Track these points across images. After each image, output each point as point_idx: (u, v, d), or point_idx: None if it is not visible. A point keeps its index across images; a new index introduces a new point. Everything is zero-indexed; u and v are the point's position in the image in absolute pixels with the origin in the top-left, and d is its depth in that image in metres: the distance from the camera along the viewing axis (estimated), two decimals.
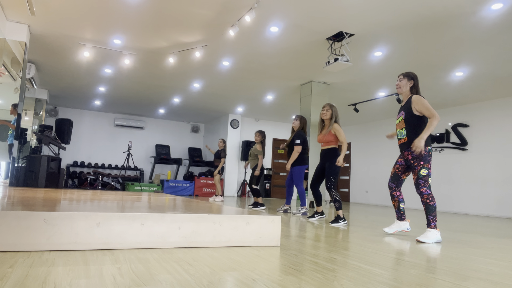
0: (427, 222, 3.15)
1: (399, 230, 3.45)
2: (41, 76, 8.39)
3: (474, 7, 4.49)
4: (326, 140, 4.42)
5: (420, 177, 3.14)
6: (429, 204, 3.11)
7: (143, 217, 2.01)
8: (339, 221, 4.20)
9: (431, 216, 3.11)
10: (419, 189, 3.15)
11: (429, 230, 3.11)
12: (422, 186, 3.12)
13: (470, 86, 7.53)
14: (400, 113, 3.35)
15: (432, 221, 3.11)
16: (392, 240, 3.05)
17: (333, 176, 4.31)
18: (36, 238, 1.79)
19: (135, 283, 1.36)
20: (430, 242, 3.05)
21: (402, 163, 3.34)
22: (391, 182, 3.42)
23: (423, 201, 3.13)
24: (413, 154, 3.19)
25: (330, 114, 4.45)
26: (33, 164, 6.82)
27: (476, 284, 1.66)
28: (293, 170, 5.49)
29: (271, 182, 12.09)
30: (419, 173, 3.14)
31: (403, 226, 3.44)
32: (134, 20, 5.32)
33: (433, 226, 3.11)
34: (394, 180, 3.40)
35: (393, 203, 3.44)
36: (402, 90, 3.37)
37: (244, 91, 8.96)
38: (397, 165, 3.38)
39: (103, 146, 12.07)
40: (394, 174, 3.40)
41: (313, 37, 5.62)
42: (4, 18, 5.40)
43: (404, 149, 3.29)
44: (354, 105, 9.45)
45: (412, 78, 3.35)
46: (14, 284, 1.27)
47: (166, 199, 3.94)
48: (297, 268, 1.78)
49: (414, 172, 3.18)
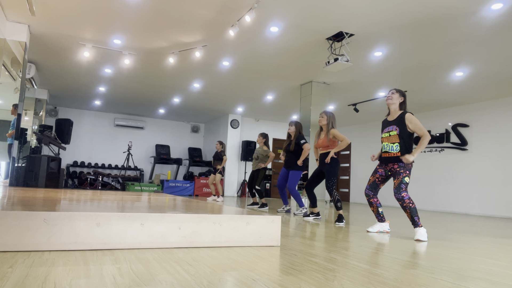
0: (415, 223, 3.30)
1: (381, 230, 3.67)
2: (41, 76, 8.39)
3: (474, 7, 4.49)
4: (324, 145, 4.60)
5: (404, 182, 3.34)
6: (412, 207, 3.30)
7: (143, 217, 2.01)
8: (342, 220, 4.32)
9: (417, 217, 3.30)
10: (400, 194, 3.32)
11: (419, 228, 3.28)
12: (404, 191, 3.31)
13: (470, 86, 7.53)
14: (391, 127, 3.50)
15: (418, 220, 3.31)
16: (392, 241, 3.06)
17: (333, 177, 4.45)
18: (36, 238, 1.79)
19: (135, 283, 1.36)
20: (426, 239, 3.22)
21: (383, 174, 3.55)
22: (369, 190, 3.61)
23: (406, 205, 3.30)
24: (400, 164, 3.38)
25: (326, 119, 4.64)
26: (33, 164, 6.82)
27: (476, 284, 1.66)
28: (291, 173, 5.47)
29: (271, 182, 12.09)
30: (404, 179, 3.34)
31: (384, 226, 3.68)
32: (134, 20, 5.32)
33: (420, 225, 3.31)
34: (372, 188, 3.60)
35: (372, 209, 3.65)
36: (393, 102, 3.56)
37: (244, 91, 8.96)
38: (377, 174, 3.57)
39: (103, 146, 12.07)
40: (373, 183, 3.60)
41: (313, 37, 5.62)
42: (4, 18, 5.40)
43: (391, 161, 3.46)
44: (354, 105, 9.45)
45: (403, 95, 3.57)
46: (14, 284, 1.27)
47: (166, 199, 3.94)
48: (297, 268, 1.78)
49: (398, 178, 3.36)
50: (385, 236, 3.36)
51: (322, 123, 4.66)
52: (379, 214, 3.63)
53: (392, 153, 3.45)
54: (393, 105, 3.55)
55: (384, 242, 2.93)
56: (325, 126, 4.64)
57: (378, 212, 3.62)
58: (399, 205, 3.53)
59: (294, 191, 5.41)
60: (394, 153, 3.43)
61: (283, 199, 5.78)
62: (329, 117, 4.62)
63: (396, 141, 3.42)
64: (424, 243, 3.02)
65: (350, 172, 12.43)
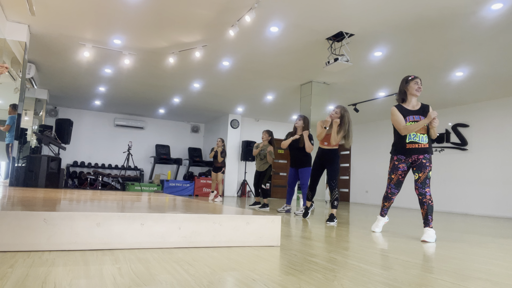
0: (427, 222, 3.21)
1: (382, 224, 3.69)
2: (41, 76, 8.39)
3: (474, 7, 4.49)
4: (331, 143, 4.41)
5: (429, 177, 3.25)
6: (431, 205, 3.22)
7: (143, 217, 2.01)
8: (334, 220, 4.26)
9: (431, 216, 3.21)
10: (424, 189, 3.22)
11: (429, 229, 3.19)
12: (428, 186, 3.23)
13: (470, 86, 7.53)
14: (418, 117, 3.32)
15: (431, 220, 3.22)
16: (392, 240, 3.06)
17: (337, 177, 4.44)
18: (36, 238, 1.79)
19: (135, 283, 1.36)
20: (433, 240, 3.13)
21: (405, 169, 3.39)
22: (394, 189, 3.45)
23: (426, 201, 3.21)
24: (426, 156, 3.27)
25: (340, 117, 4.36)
26: (33, 164, 6.82)
27: (476, 284, 1.66)
28: (302, 171, 5.49)
29: (271, 182, 12.09)
30: (429, 173, 3.25)
31: (385, 220, 3.68)
32: (134, 20, 5.32)
33: (431, 225, 3.22)
34: (397, 186, 3.45)
35: (386, 204, 3.55)
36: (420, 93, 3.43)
37: (244, 91, 8.96)
38: (399, 171, 3.40)
39: (103, 146, 12.07)
40: (398, 181, 3.44)
41: (313, 37, 5.62)
42: (4, 18, 5.40)
43: (417, 153, 3.29)
44: (354, 105, 9.45)
45: None
46: (14, 284, 1.27)
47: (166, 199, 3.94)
48: (297, 268, 1.78)
49: (424, 172, 3.24)
50: (388, 236, 3.35)
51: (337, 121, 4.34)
52: (387, 209, 3.59)
53: (421, 144, 3.28)
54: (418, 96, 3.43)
55: (384, 242, 2.93)
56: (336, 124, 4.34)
57: (388, 208, 3.57)
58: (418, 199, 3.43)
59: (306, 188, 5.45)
60: (423, 144, 3.27)
61: (288, 198, 5.77)
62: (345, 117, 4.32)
63: (425, 132, 3.30)
64: (426, 243, 3.02)
65: (350, 172, 12.43)
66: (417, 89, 3.38)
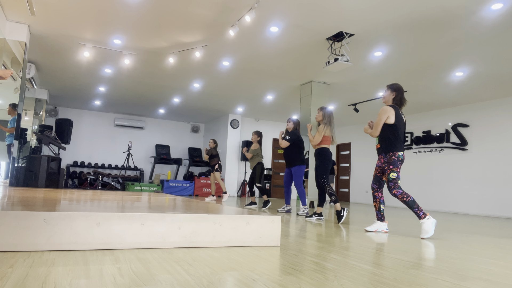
0: (418, 215, 3.33)
1: (379, 230, 3.63)
2: (41, 76, 8.39)
3: (474, 7, 4.49)
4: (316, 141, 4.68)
5: (390, 179, 3.41)
6: (407, 201, 3.34)
7: (143, 217, 2.01)
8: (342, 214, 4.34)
9: (416, 209, 3.32)
10: (391, 192, 3.40)
11: (423, 222, 3.29)
12: (393, 188, 3.39)
13: (470, 86, 7.53)
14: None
15: (419, 212, 3.31)
16: (392, 240, 3.06)
17: (324, 173, 4.52)
18: (36, 238, 1.79)
19: (135, 283, 1.36)
20: (431, 233, 3.24)
21: (380, 165, 3.60)
22: (373, 183, 3.65)
23: (401, 201, 3.37)
24: (384, 159, 3.50)
25: (321, 116, 4.73)
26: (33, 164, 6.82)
27: (476, 284, 1.66)
28: (294, 170, 5.51)
29: (271, 182, 12.09)
30: (389, 176, 3.43)
31: (383, 226, 3.64)
32: (134, 20, 5.32)
33: (423, 216, 3.30)
34: (376, 181, 3.64)
35: (374, 204, 3.66)
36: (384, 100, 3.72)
37: (244, 91, 8.96)
38: (376, 167, 3.65)
39: (103, 146, 12.07)
40: (375, 176, 3.65)
41: (313, 37, 5.62)
42: (4, 18, 5.40)
43: (378, 153, 3.61)
44: (354, 105, 9.45)
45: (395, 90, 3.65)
46: (14, 284, 1.27)
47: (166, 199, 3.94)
48: (297, 268, 1.78)
49: (386, 175, 3.46)
50: (385, 236, 3.36)
51: (318, 119, 4.77)
52: (379, 212, 3.62)
53: (377, 146, 3.63)
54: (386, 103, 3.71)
55: (384, 242, 2.93)
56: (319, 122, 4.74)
57: (379, 209, 3.61)
58: None
59: (300, 187, 5.46)
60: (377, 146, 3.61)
61: (286, 198, 5.78)
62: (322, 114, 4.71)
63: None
64: (426, 242, 3.02)
65: (350, 172, 12.43)
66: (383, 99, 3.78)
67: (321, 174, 4.51)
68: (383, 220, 3.65)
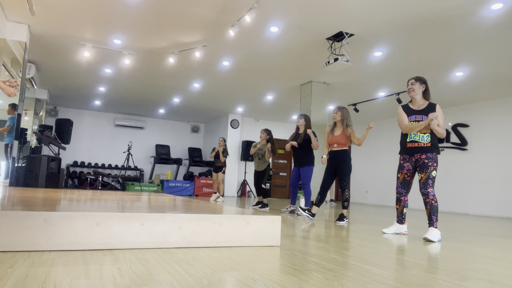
0: (431, 222, 3.24)
1: (397, 232, 3.54)
2: (41, 76, 8.39)
3: (474, 7, 4.49)
4: (341, 142, 4.55)
5: (431, 177, 3.25)
6: (434, 205, 3.22)
7: (143, 217, 2.01)
8: (343, 219, 4.38)
9: (435, 216, 3.22)
10: (426, 189, 3.23)
11: (433, 229, 3.20)
12: (430, 186, 3.23)
13: (470, 86, 7.53)
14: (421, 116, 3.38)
15: (435, 221, 3.22)
16: (392, 240, 3.06)
17: (348, 176, 4.49)
18: (36, 238, 1.79)
19: (135, 283, 1.36)
20: (436, 240, 3.14)
21: (410, 168, 3.41)
22: (401, 188, 3.47)
23: (429, 201, 3.23)
24: (428, 155, 3.28)
25: (340, 116, 4.57)
26: (33, 164, 6.82)
27: (476, 284, 1.66)
28: (303, 170, 5.48)
29: (271, 182, 12.09)
30: (431, 173, 3.25)
31: (402, 228, 3.54)
32: (134, 20, 5.32)
33: (435, 226, 3.23)
34: (404, 186, 3.46)
35: (397, 206, 3.52)
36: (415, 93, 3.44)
37: (244, 91, 8.96)
38: (404, 170, 3.44)
39: (103, 146, 12.07)
40: (404, 180, 3.46)
41: (313, 37, 5.61)
42: (4, 18, 5.40)
43: (419, 152, 3.33)
44: (354, 105, 9.45)
45: (424, 82, 3.44)
46: (14, 284, 1.27)
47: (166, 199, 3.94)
48: (297, 268, 1.78)
49: (426, 172, 3.26)
50: (387, 236, 3.35)
51: (337, 119, 4.60)
52: (401, 214, 3.50)
53: (421, 143, 3.32)
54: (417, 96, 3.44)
55: (385, 242, 2.93)
56: (339, 123, 4.60)
57: (402, 212, 3.49)
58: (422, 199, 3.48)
59: (308, 188, 5.43)
60: (424, 143, 3.31)
61: (292, 198, 5.73)
62: (343, 113, 4.57)
63: (428, 132, 3.32)
64: (426, 242, 3.02)
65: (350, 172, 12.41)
66: (407, 90, 3.49)
67: (346, 177, 4.46)
68: (403, 223, 3.54)
